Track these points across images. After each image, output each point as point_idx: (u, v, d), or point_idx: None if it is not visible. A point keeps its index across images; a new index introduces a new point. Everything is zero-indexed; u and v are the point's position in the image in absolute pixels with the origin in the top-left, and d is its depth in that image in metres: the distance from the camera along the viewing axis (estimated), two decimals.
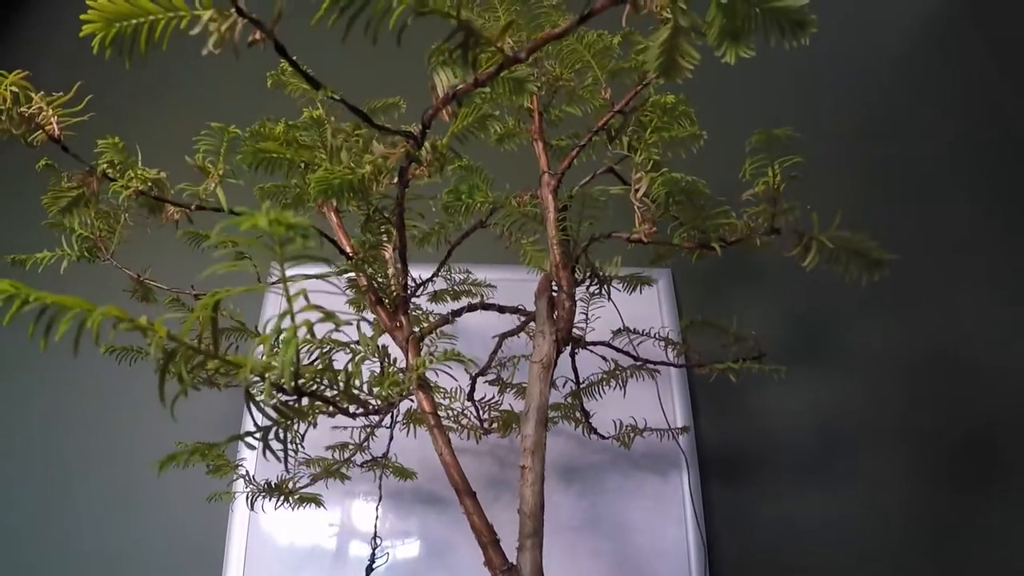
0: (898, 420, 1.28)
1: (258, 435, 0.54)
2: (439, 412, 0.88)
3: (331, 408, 0.53)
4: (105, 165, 0.63)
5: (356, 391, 0.60)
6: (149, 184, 0.63)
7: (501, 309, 0.87)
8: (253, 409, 0.50)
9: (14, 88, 0.68)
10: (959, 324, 1.39)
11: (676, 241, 0.74)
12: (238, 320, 0.91)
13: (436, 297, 1.01)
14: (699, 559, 1.08)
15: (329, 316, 0.46)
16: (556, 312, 0.80)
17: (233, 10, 0.47)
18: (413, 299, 0.93)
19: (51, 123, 0.66)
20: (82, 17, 0.46)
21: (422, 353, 0.85)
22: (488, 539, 0.72)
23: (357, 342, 0.74)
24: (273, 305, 1.28)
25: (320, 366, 0.49)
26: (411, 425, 0.94)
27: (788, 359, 1.33)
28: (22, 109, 0.67)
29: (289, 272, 0.88)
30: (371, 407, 0.59)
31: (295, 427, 0.55)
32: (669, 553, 1.08)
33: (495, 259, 1.04)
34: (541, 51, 0.88)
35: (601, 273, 0.82)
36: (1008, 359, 1.35)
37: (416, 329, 0.80)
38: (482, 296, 0.90)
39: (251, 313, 1.30)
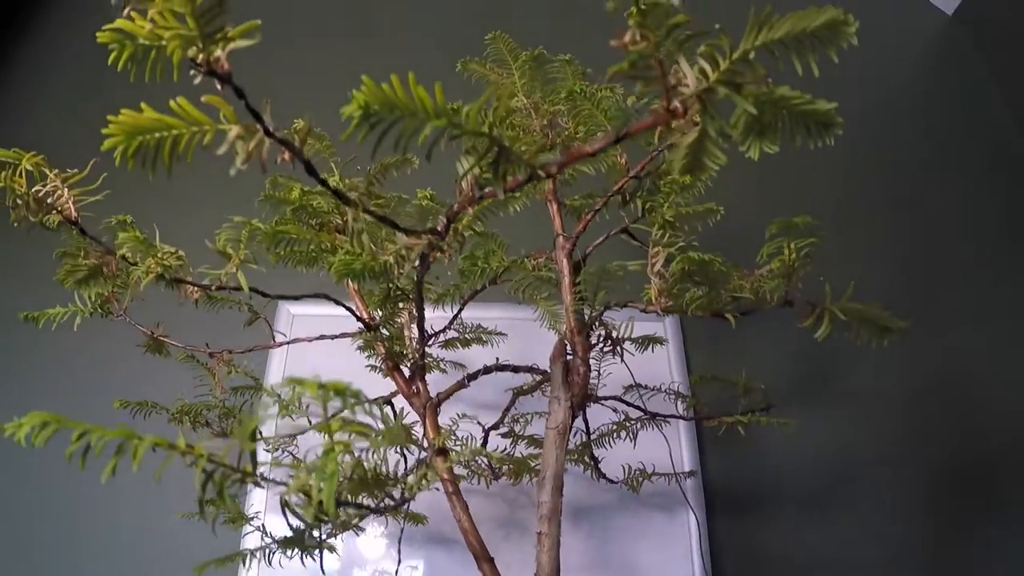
0: (903, 457, 1.29)
1: (295, 536, 0.55)
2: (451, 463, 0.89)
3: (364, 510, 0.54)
4: (125, 250, 0.63)
5: (382, 478, 0.61)
6: (170, 268, 0.63)
7: (515, 369, 0.88)
8: (290, 515, 0.51)
9: (28, 167, 0.68)
10: (962, 361, 1.40)
11: (690, 312, 0.75)
12: (252, 376, 0.91)
13: (447, 344, 1.02)
14: None
15: (371, 440, 0.47)
16: (571, 377, 0.81)
17: (260, 128, 0.48)
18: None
19: (68, 205, 0.66)
20: (104, 131, 0.46)
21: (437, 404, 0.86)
22: None
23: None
24: (278, 361, 1.29)
25: (355, 477, 0.50)
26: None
27: (794, 397, 1.36)
28: (36, 188, 0.67)
29: (300, 310, 0.88)
30: (398, 500, 0.59)
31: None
32: None
33: (506, 297, 1.04)
34: (555, 107, 0.89)
35: (615, 336, 0.83)
36: (1011, 395, 1.37)
37: (433, 395, 0.80)
38: (497, 360, 0.91)
39: (257, 362, 1.30)
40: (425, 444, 0.79)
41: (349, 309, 0.77)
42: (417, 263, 0.66)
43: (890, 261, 1.52)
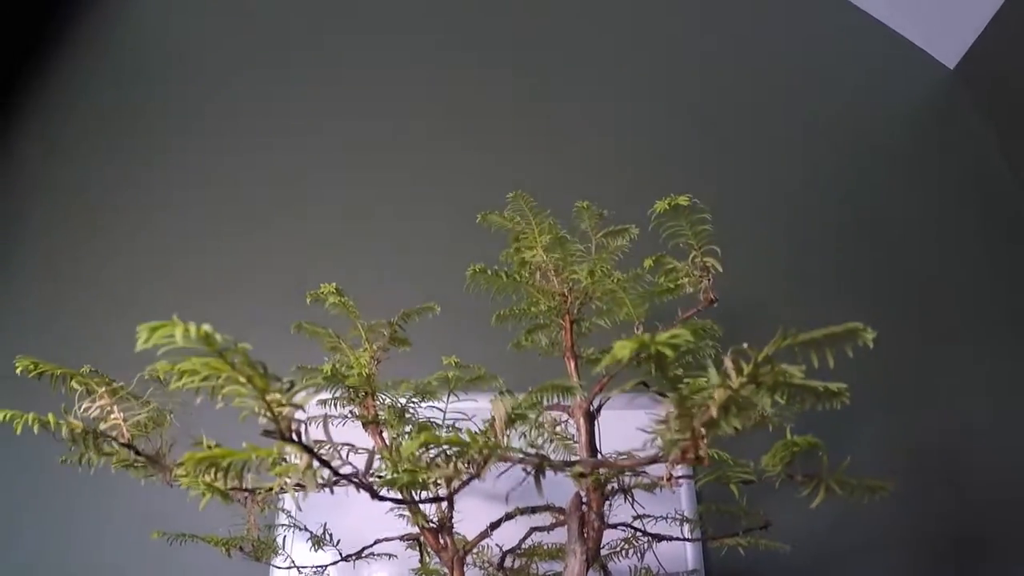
0: (899, 532, 1.36)
1: None
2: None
3: None
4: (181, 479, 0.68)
5: None
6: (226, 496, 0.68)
7: (534, 510, 0.94)
8: None
9: (76, 386, 0.71)
10: (959, 434, 1.46)
11: (699, 485, 0.81)
12: (285, 511, 0.97)
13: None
14: None
15: None
16: (586, 531, 0.87)
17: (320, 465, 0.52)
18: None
19: (121, 427, 0.70)
20: (175, 469, 0.51)
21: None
22: None
23: None
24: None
25: None
26: None
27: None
28: (86, 407, 0.71)
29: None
30: None
31: None
32: None
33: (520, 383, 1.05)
34: (575, 275, 0.93)
35: (627, 486, 0.89)
36: (1007, 468, 1.44)
37: (460, 548, 0.87)
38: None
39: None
40: None
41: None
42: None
43: (884, 328, 1.56)
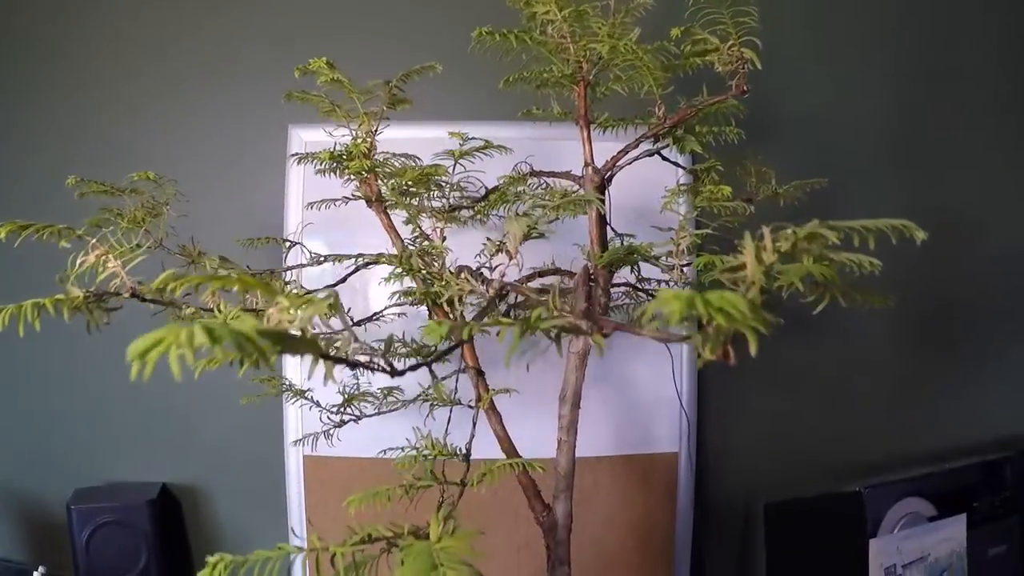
0: (878, 280, 1.41)
1: None
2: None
3: None
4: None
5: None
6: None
7: (541, 275, 0.94)
8: None
9: (66, 244, 0.67)
10: (953, 200, 1.47)
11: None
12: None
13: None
14: (691, 406, 1.31)
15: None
16: (592, 306, 0.88)
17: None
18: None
19: (125, 280, 0.66)
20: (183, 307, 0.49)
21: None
22: (532, 492, 0.91)
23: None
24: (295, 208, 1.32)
25: None
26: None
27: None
28: (80, 259, 0.66)
29: (311, 136, 0.95)
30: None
31: None
32: (665, 401, 1.30)
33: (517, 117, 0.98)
34: (593, 45, 0.80)
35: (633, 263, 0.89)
36: (995, 237, 1.46)
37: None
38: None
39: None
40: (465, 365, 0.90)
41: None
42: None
43: (889, 96, 1.48)
